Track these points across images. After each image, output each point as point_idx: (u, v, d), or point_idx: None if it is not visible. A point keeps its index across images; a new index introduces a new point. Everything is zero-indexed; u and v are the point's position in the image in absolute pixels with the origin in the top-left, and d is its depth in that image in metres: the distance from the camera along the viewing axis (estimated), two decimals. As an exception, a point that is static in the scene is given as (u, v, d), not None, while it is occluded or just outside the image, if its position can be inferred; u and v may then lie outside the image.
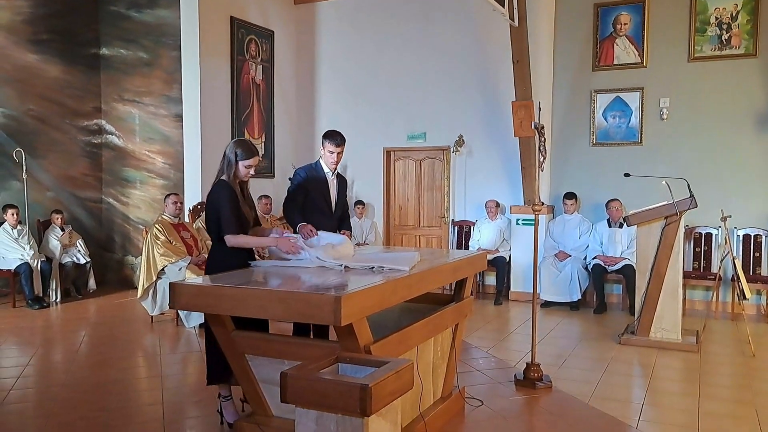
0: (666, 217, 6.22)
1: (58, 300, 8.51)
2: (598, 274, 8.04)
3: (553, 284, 8.20)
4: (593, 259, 8.18)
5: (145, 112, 9.64)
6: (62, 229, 8.81)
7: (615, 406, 4.58)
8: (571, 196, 8.51)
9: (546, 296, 8.24)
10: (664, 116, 8.35)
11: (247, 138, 8.86)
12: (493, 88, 9.00)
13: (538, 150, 5.40)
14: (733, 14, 8.02)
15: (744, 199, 7.99)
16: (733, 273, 6.76)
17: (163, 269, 7.14)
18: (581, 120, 8.80)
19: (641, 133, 8.47)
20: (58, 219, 8.80)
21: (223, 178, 4.09)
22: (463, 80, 9.26)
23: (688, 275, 7.77)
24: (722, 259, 7.70)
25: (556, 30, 8.85)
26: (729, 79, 8.06)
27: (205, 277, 3.78)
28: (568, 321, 7.50)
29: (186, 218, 8.16)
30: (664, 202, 6.26)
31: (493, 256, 8.58)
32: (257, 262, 4.09)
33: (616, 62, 8.55)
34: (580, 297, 8.15)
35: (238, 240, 4.04)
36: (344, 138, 4.78)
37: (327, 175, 4.81)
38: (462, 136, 9.22)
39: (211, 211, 4.09)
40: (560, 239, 8.49)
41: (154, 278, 7.15)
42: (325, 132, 4.82)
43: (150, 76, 9.57)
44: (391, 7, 9.69)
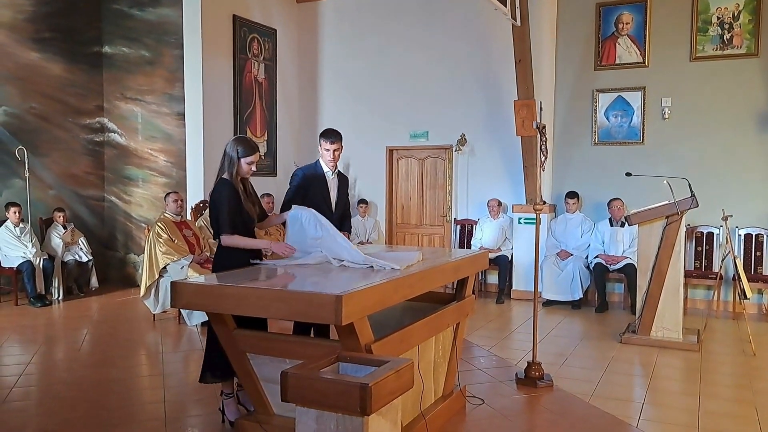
0: (667, 217, 6.21)
1: (61, 298, 8.52)
2: (600, 273, 8.04)
3: (555, 283, 8.20)
4: (595, 258, 8.17)
5: (148, 110, 9.64)
6: (64, 227, 8.82)
7: (616, 405, 4.58)
8: (573, 195, 8.51)
9: (548, 295, 8.24)
10: (666, 116, 8.34)
11: (249, 136, 8.86)
12: (496, 87, 8.99)
13: (540, 149, 5.40)
14: (735, 14, 8.00)
15: (745, 199, 7.98)
16: (734, 272, 6.75)
17: (165, 267, 7.14)
18: (583, 119, 8.79)
19: (643, 133, 8.46)
20: (60, 217, 8.81)
21: (225, 176, 4.10)
22: (466, 79, 9.25)
23: (689, 274, 7.77)
24: (723, 259, 7.69)
25: (558, 30, 8.84)
26: (731, 79, 8.05)
27: (206, 276, 3.79)
28: (569, 320, 7.50)
29: (188, 216, 8.17)
30: (666, 202, 6.25)
31: (495, 255, 8.58)
32: (262, 262, 4.10)
33: (618, 62, 8.54)
34: (582, 296, 8.14)
35: (233, 240, 4.06)
36: (340, 135, 4.74)
37: (326, 174, 4.80)
38: (464, 135, 9.22)
39: (213, 210, 4.10)
40: (562, 238, 8.49)
41: (157, 276, 7.15)
42: (322, 131, 4.80)
43: (152, 75, 9.58)
44: (393, 5, 9.69)
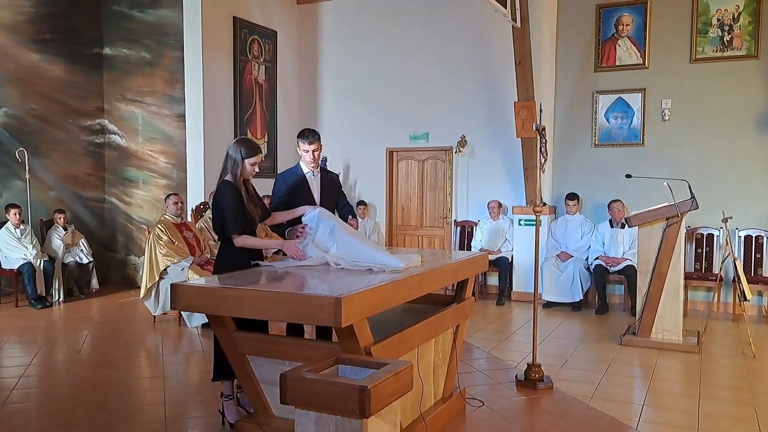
0: (667, 218, 6.21)
1: (61, 300, 8.53)
2: (600, 275, 8.05)
3: (555, 285, 8.21)
4: (595, 259, 8.18)
5: (148, 111, 9.65)
6: (65, 229, 8.83)
7: (616, 407, 4.59)
8: (573, 196, 8.51)
9: (548, 296, 8.25)
10: (666, 117, 8.34)
11: (249, 137, 8.86)
12: (496, 88, 9.00)
13: (540, 151, 5.41)
14: (735, 15, 8.01)
15: (745, 201, 7.98)
16: (734, 274, 6.75)
17: (165, 269, 7.15)
18: (583, 121, 8.80)
19: (643, 134, 8.46)
20: (60, 219, 8.82)
21: (227, 178, 4.12)
22: (466, 81, 9.26)
23: (689, 276, 7.77)
24: (723, 260, 7.69)
25: (559, 31, 8.85)
26: (731, 81, 8.05)
27: (206, 278, 3.80)
28: (569, 321, 7.51)
29: (188, 218, 8.18)
30: (666, 203, 6.25)
31: (496, 257, 8.59)
32: (263, 263, 4.11)
33: (618, 63, 8.55)
34: (582, 297, 8.15)
35: (246, 241, 4.09)
36: (318, 134, 4.68)
37: (307, 176, 4.76)
38: (464, 137, 9.22)
39: (217, 212, 4.12)
40: (562, 240, 8.49)
41: (157, 278, 7.16)
42: (299, 132, 4.76)
43: (152, 76, 9.59)
44: (393, 7, 9.69)
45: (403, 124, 9.68)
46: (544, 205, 5.38)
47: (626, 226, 7.64)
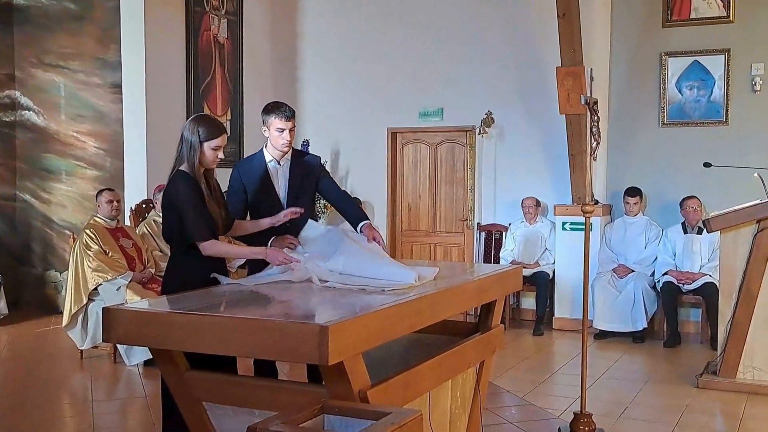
0: (759, 221, 6.20)
1: (-42, 328, 8.53)
2: (670, 296, 8.04)
3: (611, 309, 8.20)
4: (663, 275, 8.17)
5: (73, 80, 9.65)
6: (-36, 235, 8.83)
7: (691, 470, 4.59)
8: (634, 192, 8.51)
9: (601, 324, 8.24)
10: (757, 87, 8.35)
11: (209, 113, 8.87)
12: (532, 50, 9.00)
13: (590, 132, 5.41)
14: None
15: None
16: None
17: (96, 288, 7.14)
18: (648, 92, 8.80)
19: (726, 110, 8.46)
20: (-42, 222, 8.82)
21: (183, 168, 4.12)
22: (492, 40, 9.25)
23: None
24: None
25: (615, -27, 8.87)
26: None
27: (151, 300, 3.80)
28: (629, 357, 7.50)
29: (127, 221, 8.18)
30: (757, 201, 6.25)
31: (532, 272, 8.59)
32: (226, 280, 4.10)
33: (694, 16, 8.55)
34: (646, 325, 8.14)
35: (217, 248, 4.10)
36: (293, 110, 4.73)
37: (270, 165, 4.75)
38: (491, 114, 9.22)
39: (170, 213, 4.12)
40: (620, 249, 8.49)
41: (85, 300, 7.15)
42: (266, 106, 4.72)
43: (79, 34, 9.58)
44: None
45: (410, 97, 9.68)
46: (596, 203, 5.40)
47: (704, 230, 7.63)
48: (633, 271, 8.28)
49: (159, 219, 7.43)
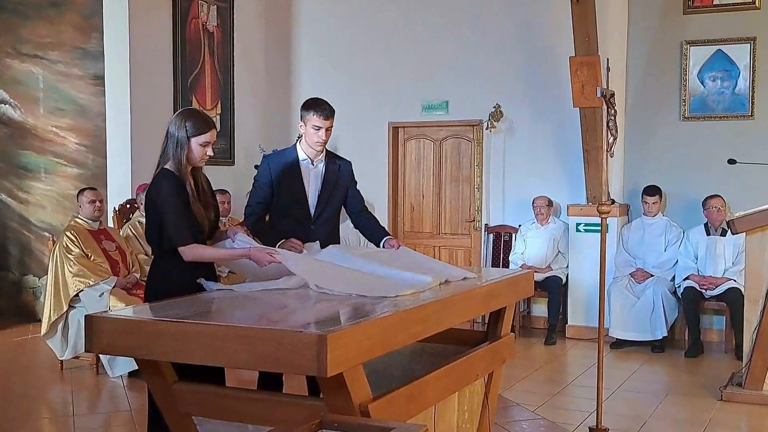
0: (787, 222, 6.22)
1: (-70, 337, 8.54)
2: (692, 302, 8.04)
3: (628, 316, 8.20)
4: (684, 279, 8.18)
5: (52, 71, 9.65)
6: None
7: (715, 489, 4.59)
8: (653, 191, 8.50)
9: (618, 333, 8.24)
10: (786, 78, 8.37)
11: (197, 108, 8.86)
12: (543, 38, 9.00)
13: (607, 126, 5.41)
14: None
15: None
16: None
17: (77, 295, 7.14)
18: (668, 84, 8.80)
19: (752, 103, 8.46)
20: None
21: (168, 167, 4.13)
22: (501, 28, 9.25)
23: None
24: None
25: (633, -44, 8.88)
26: None
27: (136, 307, 3.80)
28: (648, 367, 7.51)
29: (110, 222, 8.18)
30: (785, 201, 6.26)
31: (544, 276, 8.60)
32: (216, 286, 4.11)
33: (717, 2, 8.54)
34: (666, 334, 8.14)
35: (199, 252, 4.09)
36: (333, 108, 4.78)
37: (303, 163, 4.78)
38: (499, 107, 9.22)
39: (153, 215, 4.12)
40: (638, 252, 8.49)
41: (65, 308, 7.15)
42: (307, 101, 4.79)
43: (59, 22, 9.58)
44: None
45: (413, 90, 9.68)
46: (613, 203, 5.40)
47: (729, 232, 7.62)
48: (652, 276, 8.29)
49: (144, 220, 7.42)
